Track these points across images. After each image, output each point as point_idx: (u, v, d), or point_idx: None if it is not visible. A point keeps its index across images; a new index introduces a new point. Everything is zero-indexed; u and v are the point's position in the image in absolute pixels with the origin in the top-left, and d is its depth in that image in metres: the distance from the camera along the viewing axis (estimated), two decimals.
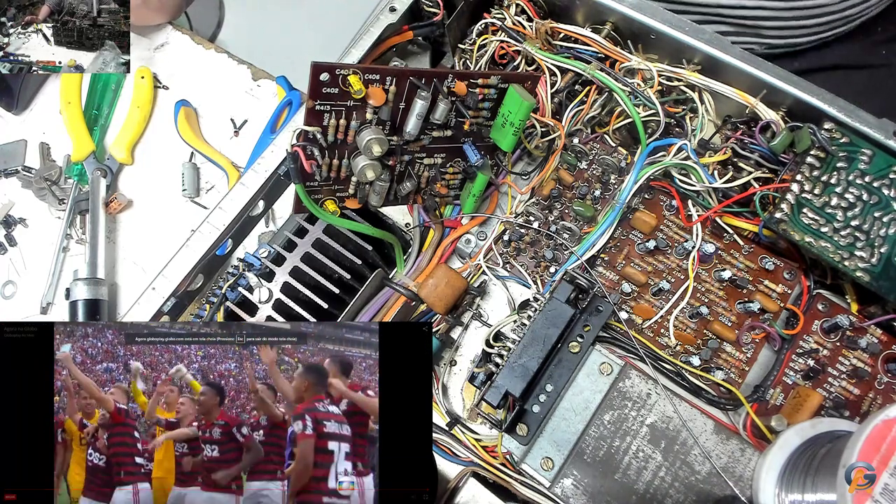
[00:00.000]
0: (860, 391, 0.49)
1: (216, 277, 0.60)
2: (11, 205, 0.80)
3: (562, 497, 0.45)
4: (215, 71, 0.84)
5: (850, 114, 0.52)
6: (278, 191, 0.59)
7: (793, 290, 0.52)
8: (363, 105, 0.46)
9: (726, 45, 0.55)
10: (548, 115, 0.57)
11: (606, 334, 0.50)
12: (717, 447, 0.45)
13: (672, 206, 0.54)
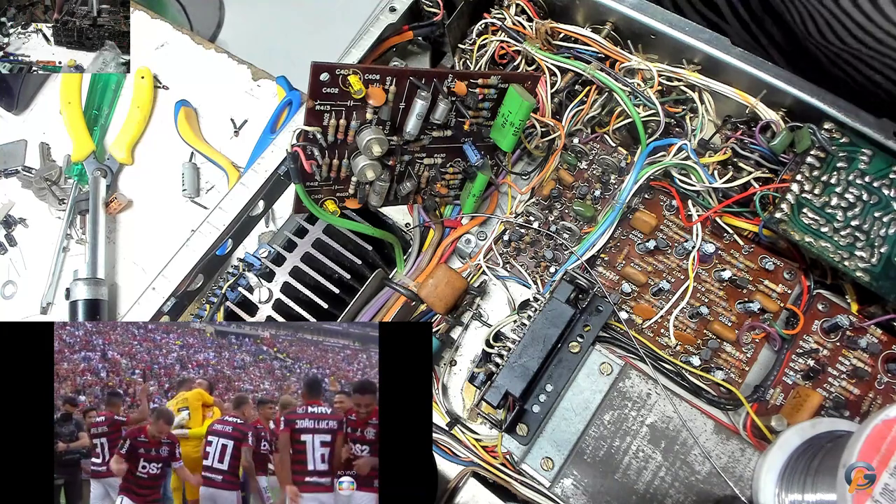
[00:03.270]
0: (860, 391, 0.49)
1: (216, 277, 0.60)
2: (11, 205, 0.80)
3: (562, 497, 0.45)
4: (215, 71, 0.84)
5: (850, 114, 0.52)
6: (278, 191, 0.59)
7: (793, 290, 0.52)
8: (363, 105, 0.46)
9: (726, 45, 0.55)
10: (548, 115, 0.57)
11: (606, 334, 0.50)
12: (717, 447, 0.45)
13: (672, 206, 0.54)
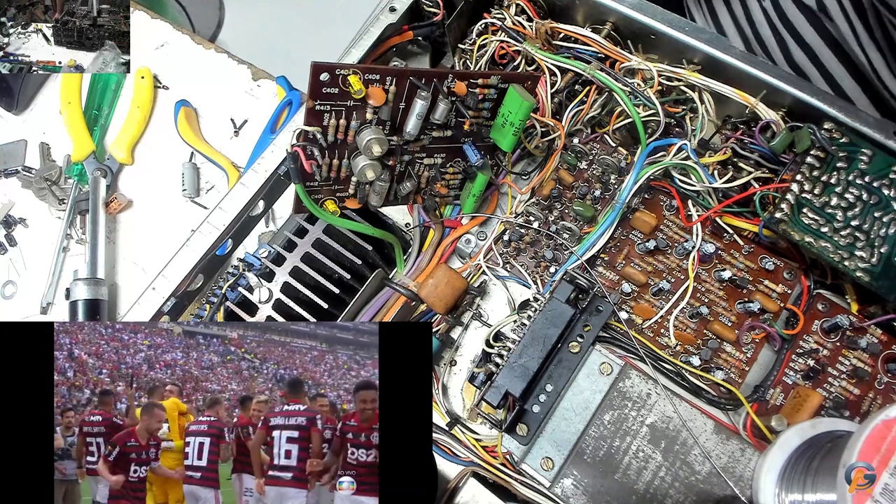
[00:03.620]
0: (860, 391, 0.49)
1: (216, 277, 0.60)
2: (11, 205, 0.80)
3: (562, 497, 0.45)
4: (215, 71, 0.84)
5: (850, 114, 0.52)
6: (278, 191, 0.59)
7: (793, 290, 0.52)
8: (363, 105, 0.46)
9: (726, 45, 0.55)
10: (548, 115, 0.57)
11: (606, 334, 0.50)
12: (717, 447, 0.45)
13: (672, 206, 0.54)
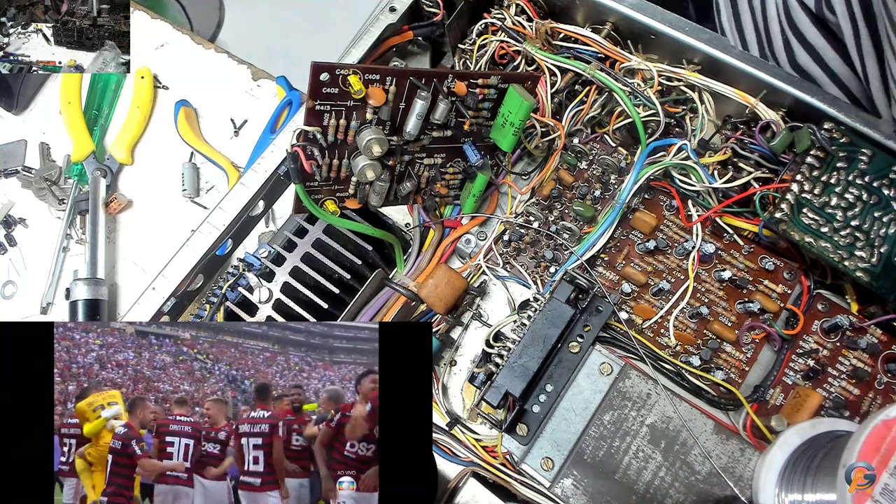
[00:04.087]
0: (860, 391, 0.49)
1: (216, 277, 0.60)
2: (11, 205, 0.80)
3: (562, 497, 0.45)
4: (215, 71, 0.84)
5: (849, 114, 0.52)
6: (278, 191, 0.59)
7: (793, 290, 0.52)
8: (363, 105, 0.46)
9: (726, 45, 0.55)
10: (548, 115, 0.57)
11: (606, 334, 0.50)
12: (717, 447, 0.45)
13: (672, 206, 0.54)
